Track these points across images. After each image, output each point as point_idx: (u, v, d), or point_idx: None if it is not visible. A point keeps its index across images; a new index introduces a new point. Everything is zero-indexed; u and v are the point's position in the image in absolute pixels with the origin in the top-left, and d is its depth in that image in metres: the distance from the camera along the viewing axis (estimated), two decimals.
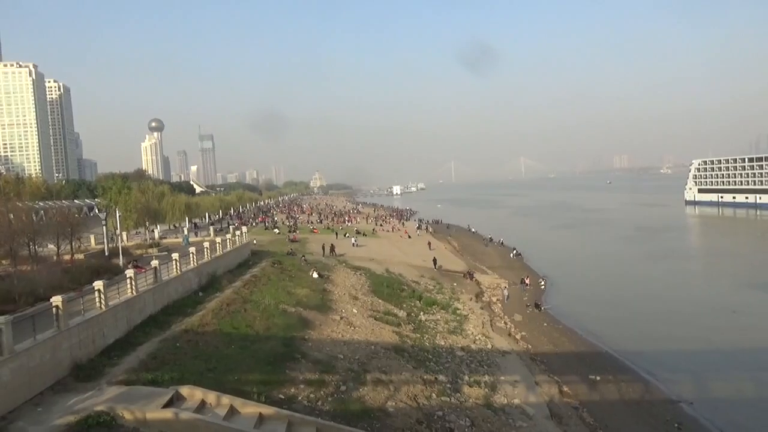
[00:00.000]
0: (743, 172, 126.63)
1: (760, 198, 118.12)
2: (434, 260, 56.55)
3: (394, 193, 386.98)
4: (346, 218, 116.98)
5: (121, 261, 35.23)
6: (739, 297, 42.82)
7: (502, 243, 77.53)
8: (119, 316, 20.46)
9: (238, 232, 42.69)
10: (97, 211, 71.49)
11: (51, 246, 35.90)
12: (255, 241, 52.49)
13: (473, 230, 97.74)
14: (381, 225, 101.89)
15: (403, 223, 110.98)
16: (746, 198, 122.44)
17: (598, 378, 26.47)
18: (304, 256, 45.96)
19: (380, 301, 35.20)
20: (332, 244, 55.96)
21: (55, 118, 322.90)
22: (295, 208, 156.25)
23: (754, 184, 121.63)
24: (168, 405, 14.37)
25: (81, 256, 36.82)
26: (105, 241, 40.89)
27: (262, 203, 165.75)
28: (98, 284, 19.69)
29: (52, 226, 37.47)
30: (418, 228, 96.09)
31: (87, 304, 18.91)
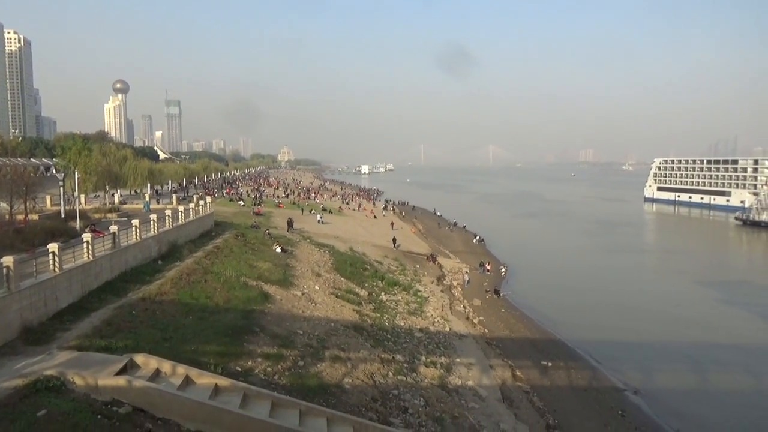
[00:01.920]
0: (700, 173, 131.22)
1: (714, 199, 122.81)
2: (394, 240, 56.96)
3: (363, 172, 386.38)
4: (313, 194, 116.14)
5: (78, 224, 34.21)
6: (685, 292, 44.77)
7: (465, 228, 78.40)
8: (74, 281, 19.98)
9: (201, 202, 41.86)
10: (54, 171, 68.96)
11: (3, 204, 34.50)
12: (213, 211, 51.54)
13: (438, 214, 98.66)
14: (347, 203, 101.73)
15: (373, 203, 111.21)
16: (701, 198, 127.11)
17: (549, 364, 27.35)
18: (268, 230, 45.49)
19: (342, 279, 35.29)
20: (290, 219, 55.62)
21: (13, 72, 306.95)
22: (262, 182, 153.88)
23: (709, 186, 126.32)
24: (121, 372, 14.18)
25: (35, 217, 35.59)
26: (62, 203, 39.53)
27: (228, 174, 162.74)
28: (53, 246, 19.13)
29: (5, 183, 36.02)
30: (384, 209, 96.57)
31: (40, 267, 18.38)
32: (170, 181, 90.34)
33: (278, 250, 37.69)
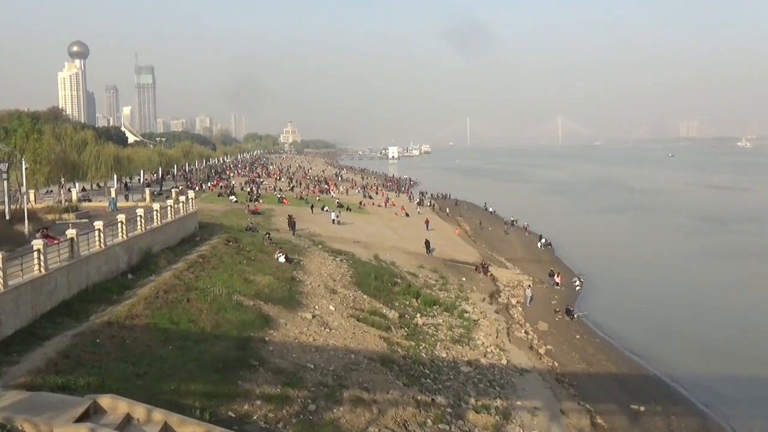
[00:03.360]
0: None
1: None
2: (427, 243, 57.48)
3: (390, 156, 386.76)
4: (326, 186, 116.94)
5: (26, 228, 35.00)
6: None
7: (527, 228, 78.26)
8: (22, 300, 20.36)
9: (182, 198, 42.47)
10: None
11: None
12: (196, 209, 52.28)
13: (491, 210, 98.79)
14: (371, 197, 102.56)
15: (410, 196, 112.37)
16: None
17: (642, 408, 26.93)
18: (268, 233, 45.94)
19: (365, 296, 35.41)
20: (291, 217, 56.47)
21: None
22: (259, 170, 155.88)
23: None
24: (83, 418, 14.30)
25: None
26: (6, 201, 40.57)
27: (215, 161, 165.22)
28: None
29: None
30: (420, 204, 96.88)
31: None
32: (142, 172, 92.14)
33: (281, 259, 38.00)
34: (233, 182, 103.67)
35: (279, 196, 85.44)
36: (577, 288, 49.39)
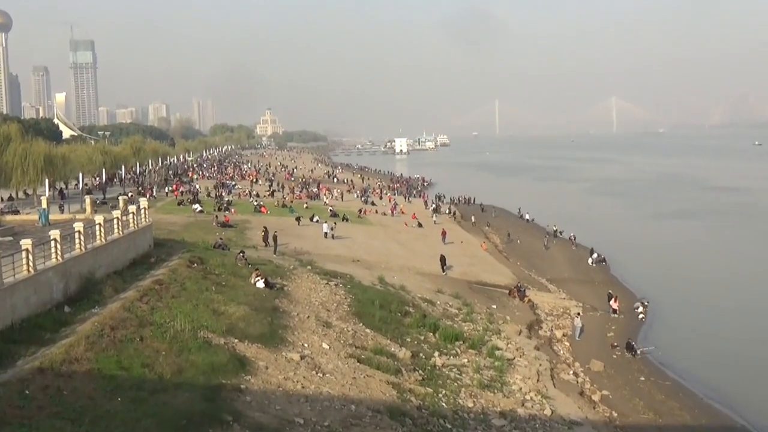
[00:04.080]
0: None
1: None
2: (442, 260, 57.67)
3: (398, 150, 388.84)
4: (316, 191, 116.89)
5: None
6: None
7: (574, 241, 78.35)
8: None
9: (132, 208, 42.40)
10: None
11: None
12: (150, 221, 52.14)
13: (527, 217, 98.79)
14: (373, 204, 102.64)
15: (425, 202, 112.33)
16: None
17: None
18: (242, 251, 45.86)
19: (368, 331, 35.30)
20: (265, 230, 56.90)
21: None
22: (231, 171, 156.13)
23: None
24: None
25: None
26: None
27: (174, 161, 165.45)
28: None
29: None
30: (436, 210, 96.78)
31: None
32: (81, 175, 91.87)
33: (260, 284, 37.95)
34: (197, 187, 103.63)
35: (256, 203, 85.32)
36: (641, 316, 49.19)
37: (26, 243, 28.21)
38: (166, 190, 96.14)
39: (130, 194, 74.14)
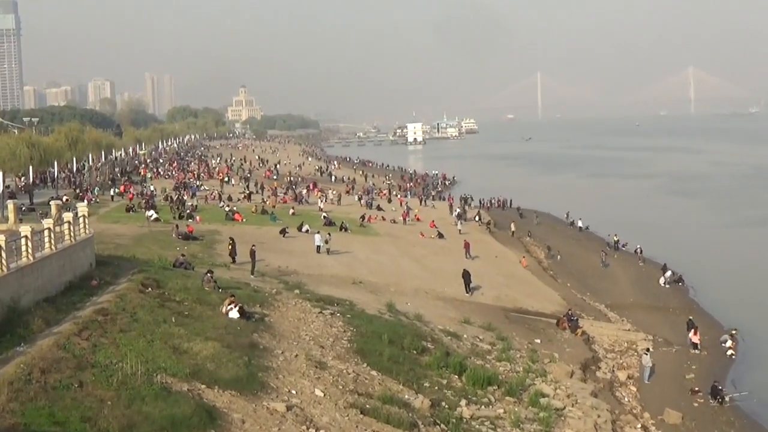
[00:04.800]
0: None
1: None
2: (465, 278, 57.62)
3: (411, 139, 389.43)
4: (305, 191, 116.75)
5: None
6: None
7: (641, 255, 78.17)
8: None
9: (68, 216, 42.14)
10: None
11: None
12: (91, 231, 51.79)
13: (579, 225, 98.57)
14: (379, 209, 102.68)
15: (450, 206, 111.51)
16: None
17: None
18: (210, 271, 45.48)
19: (374, 373, 34.96)
20: (232, 243, 56.99)
21: None
22: (195, 167, 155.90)
23: None
24: None
25: None
26: None
27: (122, 154, 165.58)
28: None
29: None
30: (460, 217, 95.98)
31: None
32: (1, 174, 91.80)
33: (234, 314, 37.66)
34: (152, 188, 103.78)
35: (228, 209, 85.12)
36: (729, 352, 48.74)
37: None
38: (112, 192, 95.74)
39: (65, 198, 74.03)
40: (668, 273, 68.24)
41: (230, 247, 57.02)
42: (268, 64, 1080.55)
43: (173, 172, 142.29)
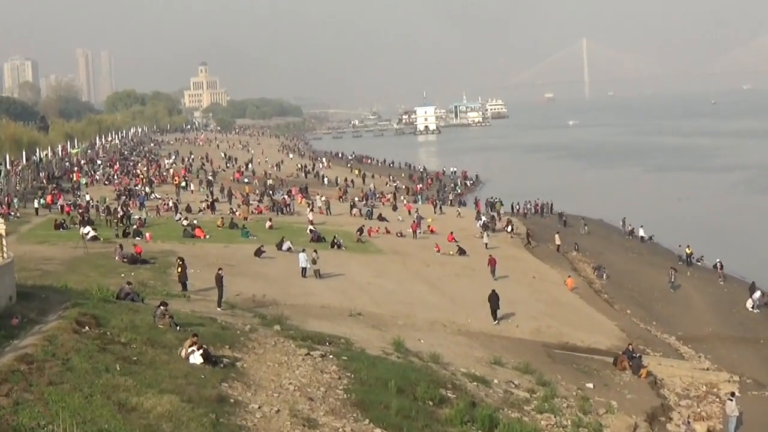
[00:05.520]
0: None
1: None
2: (492, 301, 57.53)
3: (421, 127, 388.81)
4: (286, 197, 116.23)
5: None
6: None
7: (721, 271, 77.94)
8: None
9: None
10: None
11: None
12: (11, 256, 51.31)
13: (640, 234, 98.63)
14: (382, 218, 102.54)
15: (478, 213, 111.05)
16: None
17: None
18: (164, 304, 45.26)
19: (378, 431, 34.94)
20: (181, 264, 56.48)
21: None
22: (143, 170, 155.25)
23: None
24: None
25: None
26: None
27: (49, 154, 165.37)
28: None
29: None
30: (486, 228, 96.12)
31: None
32: None
33: (195, 358, 37.53)
34: (88, 198, 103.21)
35: (187, 222, 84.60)
36: None
37: None
38: (37, 204, 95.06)
39: None
40: (757, 294, 67.77)
41: (179, 269, 56.06)
42: (236, 37, 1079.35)
43: (115, 177, 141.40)
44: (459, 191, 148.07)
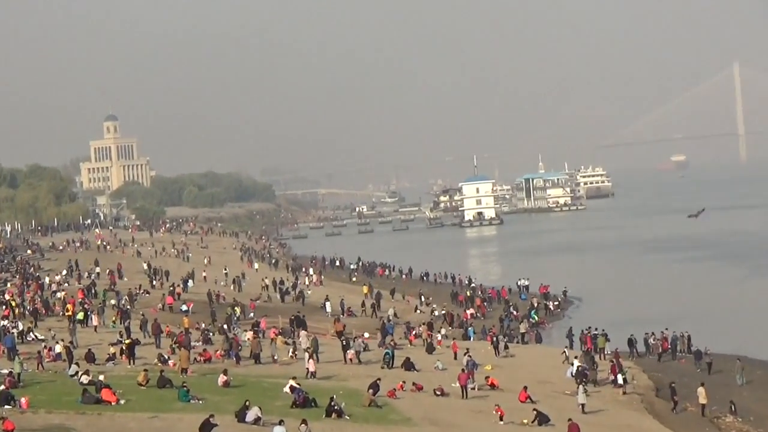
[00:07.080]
0: None
1: None
2: None
3: (469, 216, 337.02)
4: (248, 334, 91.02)
5: None
6: None
7: None
8: None
9: None
10: None
11: None
12: None
13: None
14: (408, 364, 77.96)
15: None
16: None
17: None
18: None
19: None
20: None
21: None
22: (14, 292, 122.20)
23: None
24: None
25: None
26: None
27: None
28: None
29: None
30: (582, 377, 75.20)
31: None
32: None
33: None
34: None
35: (87, 379, 63.35)
36: None
37: None
38: None
39: None
40: None
41: None
42: (165, 77, 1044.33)
43: None
44: (535, 319, 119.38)
